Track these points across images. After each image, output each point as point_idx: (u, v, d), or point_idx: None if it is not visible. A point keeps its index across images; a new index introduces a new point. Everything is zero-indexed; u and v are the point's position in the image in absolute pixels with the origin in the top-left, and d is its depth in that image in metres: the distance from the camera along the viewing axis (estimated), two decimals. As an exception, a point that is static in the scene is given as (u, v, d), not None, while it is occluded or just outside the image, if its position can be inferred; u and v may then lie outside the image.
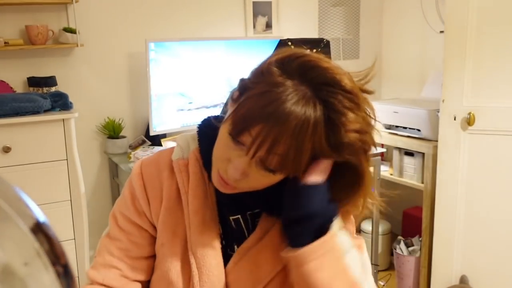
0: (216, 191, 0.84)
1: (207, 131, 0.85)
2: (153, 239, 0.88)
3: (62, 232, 2.16)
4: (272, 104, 0.68)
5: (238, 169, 0.73)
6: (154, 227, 0.88)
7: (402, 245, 2.71)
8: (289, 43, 2.29)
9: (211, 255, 0.82)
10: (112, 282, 0.86)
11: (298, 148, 0.69)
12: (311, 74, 0.70)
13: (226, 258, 0.84)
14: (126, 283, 0.87)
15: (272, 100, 0.68)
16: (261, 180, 0.75)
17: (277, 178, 0.75)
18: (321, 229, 0.74)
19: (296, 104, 0.68)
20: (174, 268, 0.84)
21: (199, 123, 0.88)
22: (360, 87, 0.74)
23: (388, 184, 2.88)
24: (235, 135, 0.71)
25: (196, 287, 0.81)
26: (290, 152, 0.69)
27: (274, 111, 0.68)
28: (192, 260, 0.82)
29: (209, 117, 0.89)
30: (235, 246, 0.85)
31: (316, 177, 0.74)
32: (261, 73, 0.72)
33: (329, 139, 0.70)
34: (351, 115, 0.70)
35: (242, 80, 0.76)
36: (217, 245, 0.84)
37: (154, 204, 0.86)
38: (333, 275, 0.73)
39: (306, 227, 0.74)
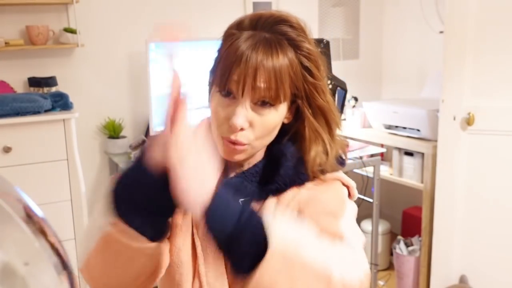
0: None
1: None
2: None
3: (62, 232, 2.16)
4: (239, 48, 0.78)
5: (239, 115, 0.78)
6: None
7: (402, 245, 2.71)
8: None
9: None
10: None
11: (276, 74, 0.78)
12: (261, 21, 0.82)
13: None
14: None
15: (238, 46, 0.79)
16: (265, 122, 0.80)
17: (278, 115, 0.81)
18: (256, 238, 0.66)
19: (258, 40, 0.79)
20: (183, 247, 0.86)
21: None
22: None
23: (387, 184, 2.88)
24: (223, 87, 0.79)
25: (201, 268, 0.85)
26: (272, 81, 0.78)
27: (243, 52, 0.78)
28: (198, 243, 0.86)
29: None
30: None
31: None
32: (223, 40, 0.85)
33: (299, 62, 0.81)
34: (304, 40, 0.82)
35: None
36: None
37: None
38: (292, 281, 0.66)
39: (236, 249, 0.67)
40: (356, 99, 2.99)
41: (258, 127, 0.80)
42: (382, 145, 2.83)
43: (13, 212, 0.36)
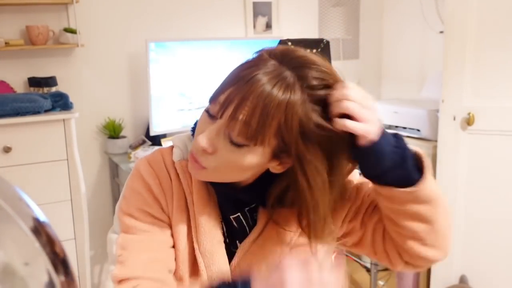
0: (217, 191, 0.86)
1: None
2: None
3: (62, 232, 2.16)
4: (247, 70, 0.72)
5: (205, 136, 0.74)
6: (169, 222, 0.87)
7: (402, 245, 2.71)
8: (289, 43, 2.29)
9: (219, 254, 0.84)
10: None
11: (262, 114, 0.70)
12: (291, 56, 0.74)
13: (230, 255, 0.86)
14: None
15: (249, 67, 0.73)
16: (231, 157, 0.74)
17: (250, 157, 0.74)
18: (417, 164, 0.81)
19: (270, 74, 0.71)
20: (182, 265, 0.85)
21: (193, 125, 0.88)
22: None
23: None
24: (210, 102, 0.75)
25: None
26: (254, 119, 0.70)
27: (246, 75, 0.71)
28: (200, 259, 0.83)
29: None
30: (237, 243, 0.87)
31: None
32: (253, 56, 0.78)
33: (306, 116, 0.72)
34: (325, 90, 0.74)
35: None
36: (223, 243, 0.86)
37: (169, 201, 0.86)
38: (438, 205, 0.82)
39: (407, 167, 0.80)
40: (356, 99, 2.99)
41: (221, 158, 0.75)
42: (382, 145, 2.83)
43: (13, 212, 0.36)
